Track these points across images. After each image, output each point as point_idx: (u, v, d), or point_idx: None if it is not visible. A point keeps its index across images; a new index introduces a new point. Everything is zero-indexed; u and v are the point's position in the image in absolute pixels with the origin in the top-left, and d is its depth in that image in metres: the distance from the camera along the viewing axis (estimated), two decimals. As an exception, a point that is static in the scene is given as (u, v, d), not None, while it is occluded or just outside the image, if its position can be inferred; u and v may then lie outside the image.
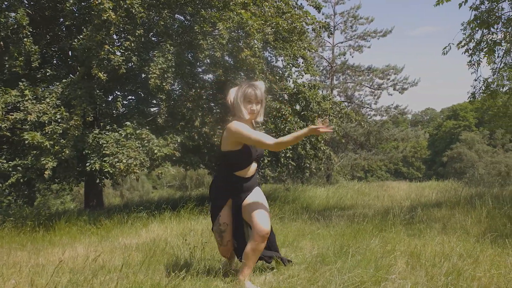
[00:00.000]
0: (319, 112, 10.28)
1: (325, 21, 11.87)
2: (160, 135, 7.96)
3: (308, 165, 10.47)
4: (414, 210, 6.91)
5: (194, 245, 3.99)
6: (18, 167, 7.11)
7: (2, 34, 7.40)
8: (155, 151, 7.29)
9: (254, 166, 3.22)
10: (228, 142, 3.08)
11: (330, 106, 10.46)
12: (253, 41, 8.07)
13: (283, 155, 9.51)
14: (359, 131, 21.63)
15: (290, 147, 9.57)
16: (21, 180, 7.36)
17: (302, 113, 10.19)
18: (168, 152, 7.48)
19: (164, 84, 7.54)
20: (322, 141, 10.77)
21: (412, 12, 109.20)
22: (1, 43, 7.79)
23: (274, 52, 9.67)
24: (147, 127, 7.85)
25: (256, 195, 3.24)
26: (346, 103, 21.83)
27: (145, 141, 7.37)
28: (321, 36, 15.14)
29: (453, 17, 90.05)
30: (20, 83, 7.33)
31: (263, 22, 8.33)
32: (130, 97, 9.87)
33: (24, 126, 7.05)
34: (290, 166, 10.03)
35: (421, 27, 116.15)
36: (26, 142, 6.78)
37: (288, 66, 9.68)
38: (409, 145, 27.33)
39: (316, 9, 10.54)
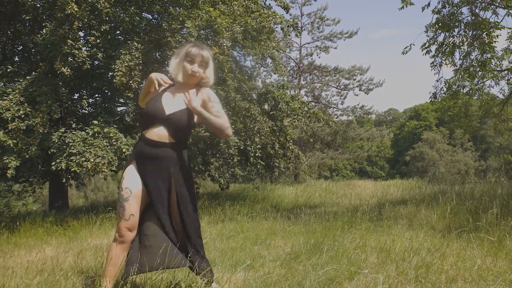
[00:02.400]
0: (288, 112, 10.38)
1: (293, 21, 11.98)
2: (128, 134, 7.82)
3: (277, 164, 10.56)
4: (382, 207, 7.10)
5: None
6: (-21, 166, 6.82)
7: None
8: (124, 150, 7.16)
9: (160, 130, 2.61)
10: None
11: (299, 106, 10.58)
12: (222, 39, 8.06)
13: (252, 154, 9.53)
14: (326, 130, 21.99)
15: (259, 146, 9.62)
16: (-19, 181, 7.09)
17: (271, 112, 10.28)
18: (137, 151, 7.36)
19: (131, 82, 7.41)
20: (291, 141, 10.89)
21: (377, 14, 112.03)
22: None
23: (243, 51, 9.69)
24: (115, 126, 7.70)
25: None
26: (313, 103, 22.16)
27: (113, 139, 7.22)
28: (289, 36, 15.25)
29: (417, 20, 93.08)
30: (-19, 79, 7.04)
31: (232, 20, 8.34)
32: (96, 95, 9.64)
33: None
34: (259, 166, 10.08)
35: (387, 29, 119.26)
36: (-13, 140, 6.50)
37: (257, 65, 9.73)
38: (374, 145, 27.95)
39: (284, 10, 10.64)
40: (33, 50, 8.74)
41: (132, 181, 2.60)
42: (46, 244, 5.19)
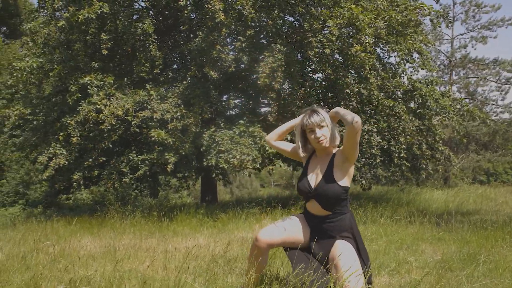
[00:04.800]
0: (437, 110, 9.59)
1: (444, 11, 10.99)
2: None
3: (424, 166, 9.83)
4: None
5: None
6: (146, 161, 7.85)
7: (131, 42, 8.23)
8: (267, 148, 7.46)
9: (314, 204, 2.70)
10: None
11: (450, 103, 9.67)
12: (364, 36, 7.83)
13: (396, 155, 9.05)
14: (482, 130, 19.71)
15: (404, 146, 9.09)
16: (148, 173, 8.12)
17: (418, 111, 9.62)
18: (278, 150, 7.61)
19: (273, 83, 7.68)
20: (440, 141, 10.03)
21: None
22: (130, 50, 8.67)
23: (386, 47, 9.28)
24: (259, 125, 8.08)
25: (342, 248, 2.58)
26: (467, 100, 20.07)
27: (257, 138, 7.59)
28: (439, 27, 14.08)
29: None
30: (147, 85, 8.06)
31: (375, 16, 8.04)
32: (242, 97, 10.24)
33: (150, 123, 7.74)
34: (403, 167, 9.51)
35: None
36: (153, 138, 7.46)
37: (402, 61, 9.21)
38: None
39: (434, 0, 9.87)
40: (187, 57, 9.68)
41: (298, 224, 2.75)
42: (199, 233, 5.69)
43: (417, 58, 9.35)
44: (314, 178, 2.70)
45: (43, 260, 3.85)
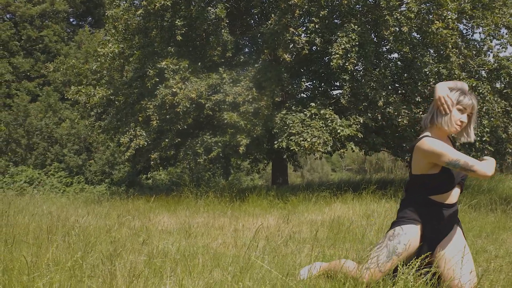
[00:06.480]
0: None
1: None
2: (343, 116, 7.99)
3: (509, 150, 9.10)
4: None
5: (379, 226, 3.91)
6: (219, 143, 8.10)
7: (204, 27, 8.44)
8: (338, 131, 7.35)
9: (456, 191, 2.54)
10: (420, 165, 2.48)
11: (543, 82, 8.81)
12: (446, 11, 7.36)
13: (478, 138, 8.46)
14: None
15: (488, 129, 8.47)
16: (221, 155, 8.38)
17: (505, 91, 8.88)
18: (350, 133, 7.45)
19: (347, 64, 7.50)
20: (530, 123, 9.21)
21: None
22: (204, 34, 8.89)
23: (470, 23, 8.63)
24: (330, 108, 7.97)
25: (456, 242, 2.50)
26: None
27: (329, 121, 7.49)
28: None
29: None
30: (220, 69, 8.25)
31: (459, -11, 7.52)
32: (313, 79, 10.12)
33: (222, 106, 7.95)
34: (486, 152, 8.88)
35: None
36: (225, 121, 7.66)
37: (488, 38, 8.53)
38: None
39: (528, -33, 8.97)
40: (259, 40, 9.74)
41: (413, 243, 2.49)
42: (269, 214, 5.80)
43: (506, 34, 8.62)
44: None
45: (126, 233, 4.17)
